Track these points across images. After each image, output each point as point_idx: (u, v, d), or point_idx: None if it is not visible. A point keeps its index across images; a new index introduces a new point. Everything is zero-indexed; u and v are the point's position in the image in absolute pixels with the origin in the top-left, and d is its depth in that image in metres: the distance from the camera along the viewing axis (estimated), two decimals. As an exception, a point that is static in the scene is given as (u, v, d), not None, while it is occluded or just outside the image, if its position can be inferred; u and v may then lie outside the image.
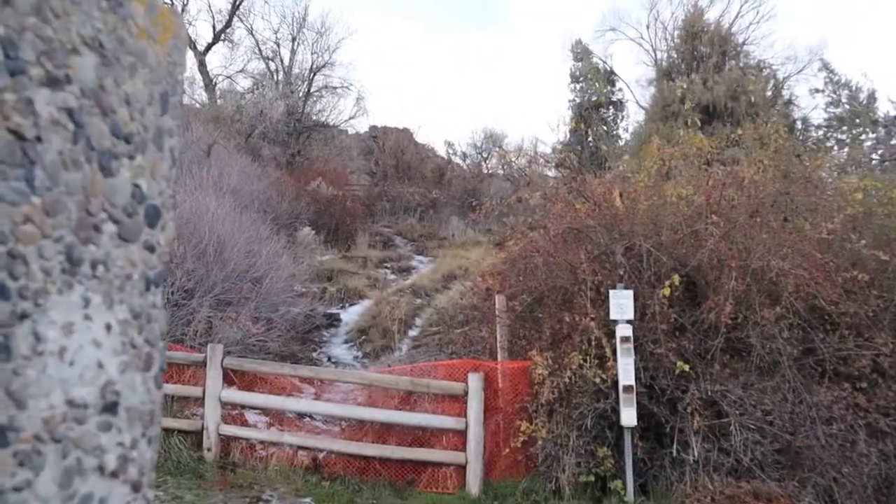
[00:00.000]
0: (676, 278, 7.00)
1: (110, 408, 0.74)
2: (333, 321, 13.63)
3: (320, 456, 7.70)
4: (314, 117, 27.82)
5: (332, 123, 28.42)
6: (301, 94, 27.32)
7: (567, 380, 6.91)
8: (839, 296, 6.87)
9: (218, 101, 27.69)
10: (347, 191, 23.93)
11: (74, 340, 0.70)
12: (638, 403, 6.83)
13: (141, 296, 0.80)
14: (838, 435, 6.52)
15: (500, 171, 25.24)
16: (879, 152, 18.95)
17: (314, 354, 12.10)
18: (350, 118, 28.79)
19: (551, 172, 12.81)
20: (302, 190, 21.26)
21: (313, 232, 18.79)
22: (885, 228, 7.99)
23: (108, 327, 0.75)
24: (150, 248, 0.81)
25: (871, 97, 22.09)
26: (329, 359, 12.03)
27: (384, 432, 7.75)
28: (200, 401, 7.87)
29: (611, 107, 26.37)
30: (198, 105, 27.73)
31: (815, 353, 6.89)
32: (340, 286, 15.52)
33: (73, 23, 0.72)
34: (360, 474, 7.41)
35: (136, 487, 0.78)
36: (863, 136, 20.69)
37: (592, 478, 6.83)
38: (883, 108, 21.63)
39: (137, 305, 0.79)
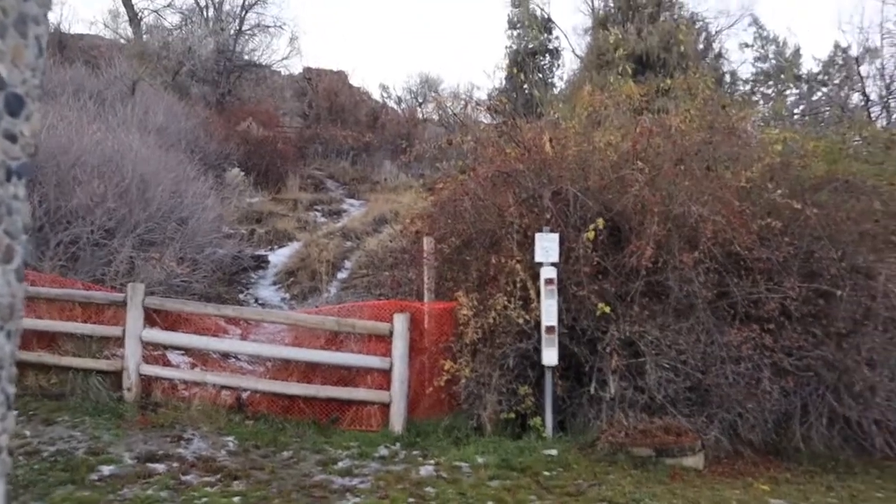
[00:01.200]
0: (601, 222, 7.13)
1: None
2: (261, 263, 13.47)
3: (244, 395, 7.68)
4: (246, 57, 26.93)
5: (264, 63, 27.58)
6: (232, 31, 26.36)
7: (491, 320, 7.03)
8: (754, 242, 7.11)
9: (144, 36, 26.50)
10: (279, 132, 23.39)
11: None
12: (559, 344, 7.02)
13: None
14: (745, 373, 6.83)
15: (436, 117, 25.04)
16: (801, 107, 19.53)
17: (241, 296, 11.97)
18: (283, 59, 28.12)
19: (485, 118, 12.73)
20: (232, 130, 20.73)
21: (242, 173, 18.38)
22: (801, 179, 8.25)
23: (-46, 210, 0.71)
24: (12, 138, 0.77)
25: (797, 53, 22.66)
26: (256, 300, 11.92)
27: (310, 372, 7.76)
28: (121, 341, 7.72)
29: (547, 55, 26.29)
30: (122, 40, 26.51)
31: (729, 296, 7.16)
32: (269, 228, 15.31)
33: None
34: (284, 413, 7.43)
35: (-14, 373, 0.75)
36: (787, 92, 21.25)
37: (513, 415, 7.03)
38: (807, 65, 22.28)
39: (-11, 190, 0.75)
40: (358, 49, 52.17)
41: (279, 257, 13.85)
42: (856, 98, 19.24)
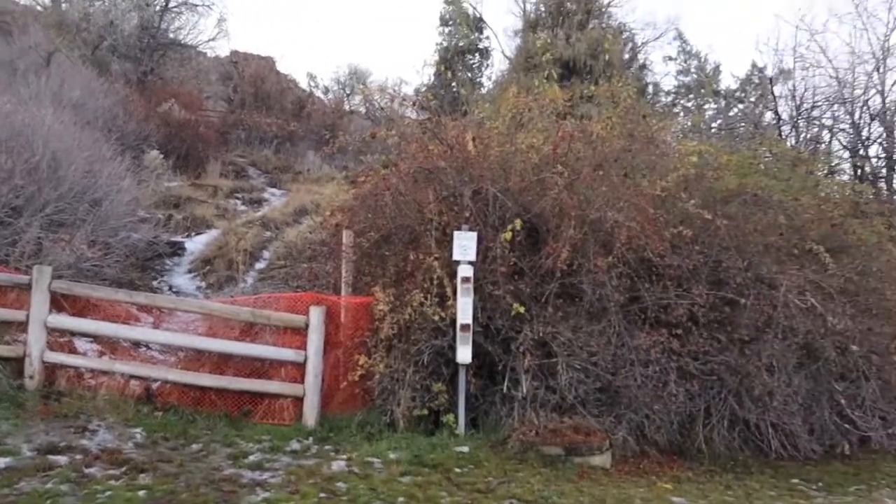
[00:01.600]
0: (519, 223, 7.24)
1: None
2: (177, 250, 13.11)
3: (154, 386, 7.47)
4: (171, 35, 26.03)
5: (190, 44, 26.74)
6: (157, 7, 25.45)
7: (407, 316, 7.05)
8: (666, 249, 7.37)
9: (63, 5, 25.36)
10: (202, 116, 22.83)
11: None
12: (474, 342, 7.09)
13: None
14: (653, 376, 7.07)
15: (362, 109, 24.88)
16: (718, 121, 20.31)
17: (154, 283, 11.64)
18: (210, 40, 27.09)
19: (412, 113, 12.77)
20: (152, 111, 20.11)
21: (162, 156, 17.84)
22: (713, 191, 8.60)
23: None
24: None
25: (717, 70, 23.61)
26: (170, 288, 11.61)
27: (222, 363, 7.61)
28: (24, 326, 7.40)
29: (477, 54, 26.47)
30: (39, 7, 25.33)
31: (640, 300, 7.40)
32: (187, 214, 14.93)
33: None
34: (195, 405, 7.27)
35: None
36: (706, 106, 22.07)
37: (426, 411, 7.07)
38: (726, 82, 23.21)
39: None
40: (287, 35, 51.33)
41: (196, 244, 13.51)
42: (769, 116, 20.11)
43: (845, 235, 8.87)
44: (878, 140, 18.10)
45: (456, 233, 7.25)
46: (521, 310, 7.07)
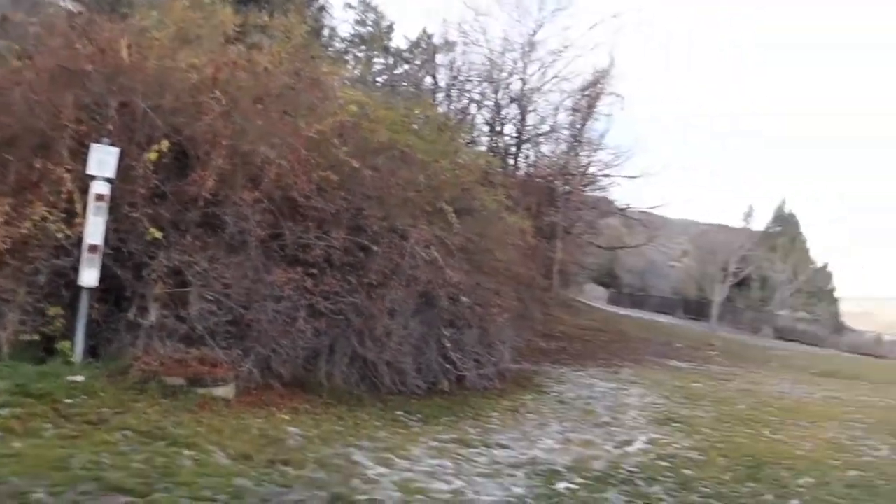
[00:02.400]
0: (166, 144, 6.92)
1: None
2: None
3: None
4: None
5: None
6: None
7: (25, 231, 6.36)
8: (312, 191, 7.62)
9: None
10: None
11: None
12: (103, 265, 6.66)
13: None
14: (284, 312, 7.33)
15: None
16: (384, 77, 21.23)
17: None
18: None
19: (64, 3, 11.37)
20: None
21: None
22: (366, 141, 9.03)
23: None
24: None
25: (391, 27, 24.45)
26: None
27: None
28: None
29: (151, -47, 24.15)
30: None
31: (281, 238, 7.61)
32: None
33: None
34: None
35: None
36: (375, 60, 22.87)
37: (38, 337, 6.48)
38: (397, 41, 24.28)
39: None
40: None
41: None
42: (428, 81, 21.59)
43: (472, 200, 9.97)
44: (513, 120, 20.58)
45: (94, 145, 6.67)
46: (159, 235, 6.81)
